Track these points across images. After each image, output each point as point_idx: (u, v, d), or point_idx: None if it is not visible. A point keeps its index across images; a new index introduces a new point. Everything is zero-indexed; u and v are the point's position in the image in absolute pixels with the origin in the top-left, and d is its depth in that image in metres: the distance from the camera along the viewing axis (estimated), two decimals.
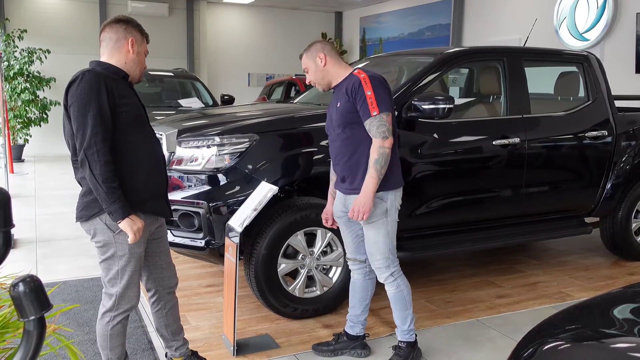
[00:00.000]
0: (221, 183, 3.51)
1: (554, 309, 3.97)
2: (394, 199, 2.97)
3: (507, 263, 5.00)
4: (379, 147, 2.83)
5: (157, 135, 2.97)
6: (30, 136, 11.23)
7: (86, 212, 2.47)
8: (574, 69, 4.81)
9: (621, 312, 1.60)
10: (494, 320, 3.78)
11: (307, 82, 3.13)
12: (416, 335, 3.17)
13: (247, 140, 3.53)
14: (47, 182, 8.89)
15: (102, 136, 2.30)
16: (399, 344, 3.14)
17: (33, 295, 1.05)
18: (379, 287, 4.27)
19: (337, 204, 3.15)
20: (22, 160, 11.11)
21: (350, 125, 2.92)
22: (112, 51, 2.49)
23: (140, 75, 2.60)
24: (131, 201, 2.41)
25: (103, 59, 2.51)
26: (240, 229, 3.06)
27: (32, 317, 1.05)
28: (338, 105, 2.96)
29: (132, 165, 2.45)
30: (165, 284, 2.80)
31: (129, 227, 2.38)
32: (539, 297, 4.22)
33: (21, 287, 1.05)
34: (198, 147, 3.57)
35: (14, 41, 10.90)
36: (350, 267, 3.27)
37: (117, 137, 2.39)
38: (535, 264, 5.00)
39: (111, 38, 2.49)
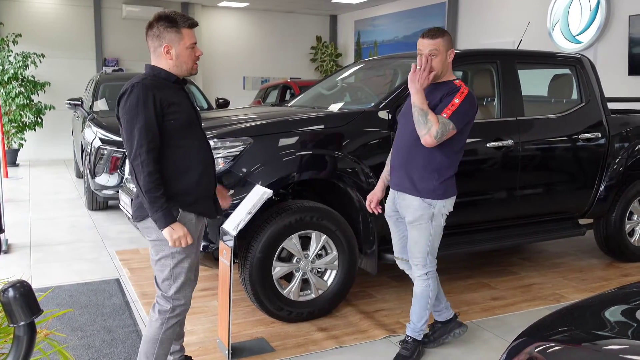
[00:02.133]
0: None
1: (549, 311, 3.95)
2: (442, 206, 3.02)
3: (502, 265, 5.01)
4: (427, 135, 2.84)
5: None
6: (25, 140, 11.18)
7: (140, 212, 2.57)
8: (567, 71, 4.83)
9: (613, 313, 1.61)
10: (488, 322, 3.79)
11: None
12: (423, 336, 3.27)
13: (241, 143, 3.53)
14: (42, 186, 8.87)
15: (146, 148, 2.40)
16: (407, 339, 3.23)
17: (23, 300, 1.05)
18: (375, 290, 4.29)
19: (389, 203, 3.22)
20: (17, 165, 11.06)
21: None
22: (155, 59, 2.56)
23: (190, 69, 2.60)
24: (182, 202, 2.53)
25: (153, 63, 2.57)
26: (234, 233, 3.06)
27: (22, 323, 1.05)
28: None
29: (183, 168, 2.54)
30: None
31: (169, 235, 2.47)
32: (534, 298, 4.23)
33: (11, 293, 1.05)
34: None
35: (8, 45, 10.86)
36: (400, 267, 3.37)
37: (168, 143, 2.48)
38: (529, 266, 5.01)
39: (150, 47, 2.56)
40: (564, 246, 5.62)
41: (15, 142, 11.10)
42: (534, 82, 5.05)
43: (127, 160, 2.51)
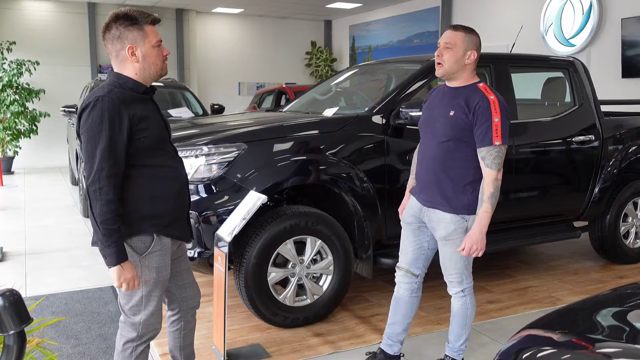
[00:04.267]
0: (210, 192, 3.50)
1: (545, 313, 3.97)
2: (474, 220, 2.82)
3: (498, 268, 5.02)
4: (494, 180, 2.66)
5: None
6: (20, 148, 11.16)
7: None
8: (560, 74, 4.85)
9: (606, 316, 1.61)
10: (484, 325, 3.78)
11: (437, 54, 2.79)
12: (463, 359, 3.05)
13: (235, 149, 3.52)
14: (37, 193, 8.84)
15: (107, 172, 2.11)
16: (445, 358, 3.05)
17: (13, 309, 1.05)
18: (370, 294, 4.28)
19: (410, 210, 2.98)
20: (12, 173, 11.04)
21: (459, 141, 2.73)
22: (119, 65, 2.27)
23: (159, 72, 2.31)
24: (156, 225, 2.29)
25: (115, 70, 2.28)
26: (229, 239, 3.06)
27: (12, 332, 1.05)
28: (452, 114, 2.73)
29: (155, 189, 2.28)
30: (189, 303, 2.66)
31: (117, 275, 2.18)
32: (530, 301, 4.23)
33: (0, 302, 1.04)
34: (186, 157, 3.55)
35: (2, 53, 10.85)
36: (397, 280, 3.07)
37: (137, 163, 2.22)
38: (525, 269, 5.02)
39: (111, 52, 2.27)
40: (559, 249, 5.63)
41: (10, 150, 11.09)
42: (527, 86, 5.07)
43: (84, 172, 2.17)
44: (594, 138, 4.64)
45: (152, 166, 2.28)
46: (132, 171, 2.22)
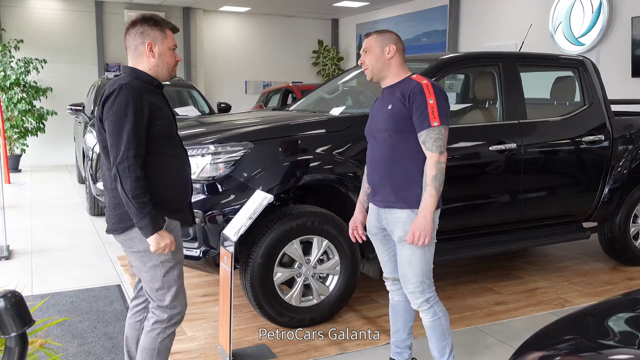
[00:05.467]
0: (216, 192, 3.48)
1: (553, 315, 3.94)
2: (435, 218, 2.73)
3: (506, 269, 4.98)
4: (437, 163, 2.61)
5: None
6: (27, 146, 11.19)
7: (121, 224, 2.46)
8: (569, 73, 4.80)
9: (618, 321, 1.57)
10: (492, 327, 3.75)
11: (360, 62, 2.84)
12: None
13: (241, 148, 3.50)
14: (44, 192, 8.86)
15: (134, 152, 2.30)
16: None
17: (14, 311, 1.03)
18: (377, 295, 4.25)
19: (371, 220, 2.92)
20: (19, 170, 11.06)
21: (400, 132, 2.69)
22: (135, 60, 2.47)
23: (169, 73, 2.52)
24: (168, 210, 2.46)
25: (130, 65, 2.48)
26: (235, 238, 3.04)
27: (14, 334, 1.03)
28: (390, 107, 2.72)
29: (164, 177, 2.45)
30: None
31: (156, 242, 2.38)
32: (538, 303, 4.19)
33: (2, 303, 1.02)
34: (193, 155, 3.53)
35: (10, 51, 10.88)
36: (388, 288, 3.05)
37: (150, 150, 2.39)
38: (533, 270, 4.97)
39: (130, 46, 2.46)
40: (568, 250, 5.58)
41: (17, 148, 11.12)
42: (536, 85, 5.02)
43: (99, 172, 2.39)
44: (603, 138, 4.59)
45: (164, 154, 2.45)
46: (147, 158, 2.38)
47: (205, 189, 3.48)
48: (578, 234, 4.66)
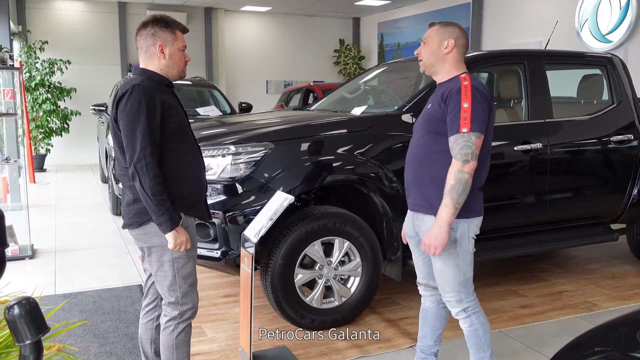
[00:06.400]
0: (236, 192, 3.46)
1: (580, 320, 3.84)
2: (466, 228, 2.58)
3: (531, 271, 4.88)
4: (457, 172, 2.44)
5: None
6: (52, 146, 11.34)
7: (138, 218, 2.49)
8: (597, 71, 4.68)
9: None
10: (517, 331, 3.67)
11: (415, 52, 2.70)
12: None
13: (262, 148, 3.48)
14: (68, 191, 8.96)
15: (150, 150, 2.34)
16: None
17: (29, 318, 1.00)
18: (399, 297, 4.20)
19: (407, 222, 2.81)
20: (44, 170, 11.22)
21: (435, 135, 2.55)
22: (146, 60, 2.51)
23: (179, 73, 2.56)
24: (183, 206, 2.49)
25: (142, 65, 2.53)
26: (255, 240, 3.01)
27: (28, 342, 1.00)
28: (429, 107, 2.64)
29: (180, 172, 2.49)
30: None
31: (173, 239, 2.42)
32: (565, 307, 4.09)
33: (16, 310, 1.00)
34: (213, 156, 3.52)
35: (35, 52, 11.04)
36: (421, 293, 2.92)
37: (164, 147, 2.43)
38: (560, 272, 4.86)
39: (141, 47, 2.51)
40: (595, 252, 5.45)
41: (42, 148, 11.27)
42: (562, 83, 4.91)
43: (114, 170, 2.42)
44: (632, 137, 4.46)
45: (178, 150, 2.49)
46: (161, 155, 2.42)
47: (225, 189, 3.46)
48: (606, 235, 4.54)
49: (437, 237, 2.47)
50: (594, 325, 3.67)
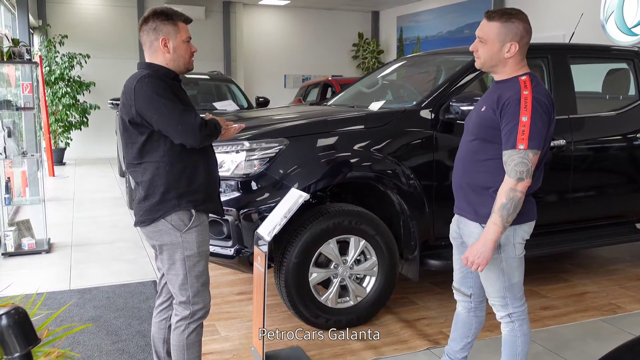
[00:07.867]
0: (250, 189, 3.39)
1: (604, 323, 3.72)
2: (512, 234, 2.43)
3: (552, 271, 4.74)
4: (510, 190, 2.27)
5: None
6: (71, 140, 11.41)
7: (149, 215, 2.44)
8: (623, 65, 4.54)
9: None
10: (539, 334, 3.55)
11: (471, 48, 2.47)
12: None
13: (277, 144, 3.41)
14: (86, 185, 9.00)
15: (179, 111, 2.30)
16: None
17: (17, 329, 0.94)
18: (417, 297, 4.10)
19: (453, 223, 2.70)
20: (64, 164, 11.30)
21: (485, 141, 2.41)
22: (150, 55, 2.47)
23: (187, 64, 2.50)
24: (194, 202, 2.44)
25: (147, 60, 2.48)
26: (269, 238, 2.94)
27: (17, 354, 0.94)
28: (483, 109, 2.43)
29: (191, 166, 2.44)
30: None
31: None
32: (588, 308, 3.97)
33: (4, 321, 0.94)
34: (227, 152, 3.46)
35: (55, 47, 11.09)
36: (455, 297, 2.83)
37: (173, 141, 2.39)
38: (582, 273, 4.73)
39: (145, 42, 2.47)
40: (618, 252, 5.29)
41: (62, 142, 11.34)
42: (587, 78, 4.77)
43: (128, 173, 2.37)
44: None
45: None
46: (172, 147, 2.37)
47: (239, 186, 3.40)
48: (631, 235, 4.40)
49: (481, 255, 2.34)
50: (618, 328, 3.55)
